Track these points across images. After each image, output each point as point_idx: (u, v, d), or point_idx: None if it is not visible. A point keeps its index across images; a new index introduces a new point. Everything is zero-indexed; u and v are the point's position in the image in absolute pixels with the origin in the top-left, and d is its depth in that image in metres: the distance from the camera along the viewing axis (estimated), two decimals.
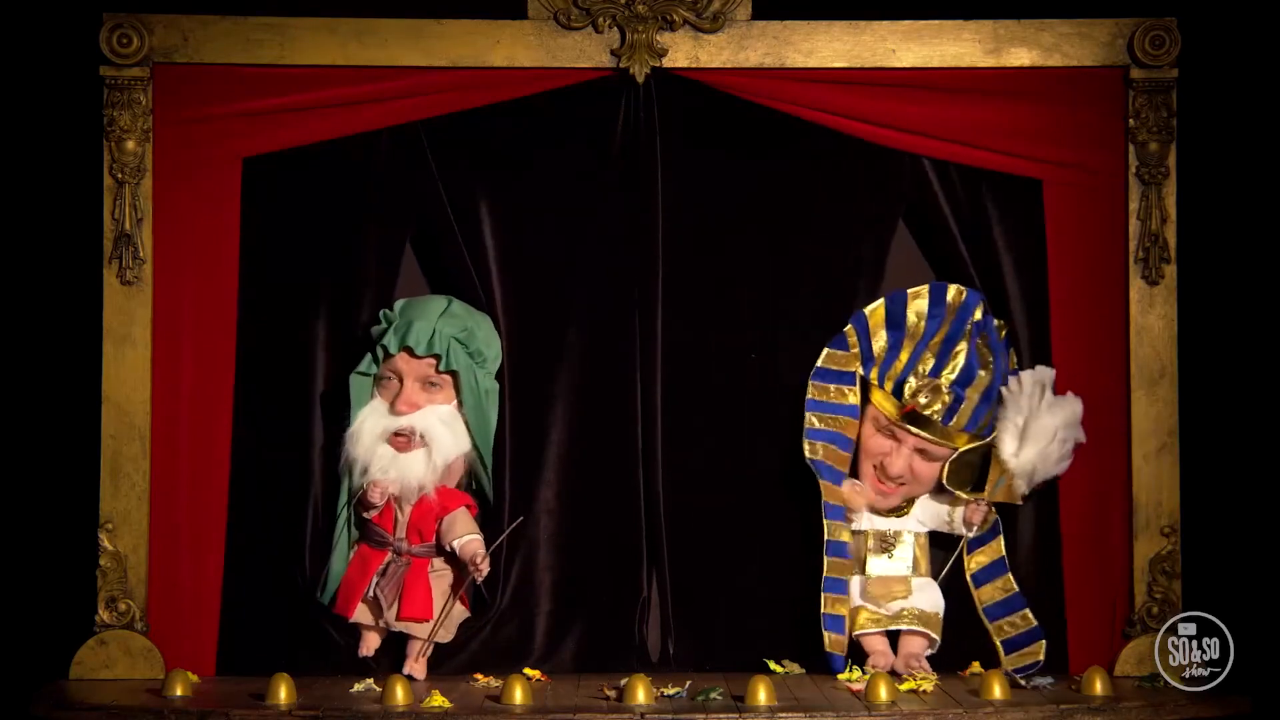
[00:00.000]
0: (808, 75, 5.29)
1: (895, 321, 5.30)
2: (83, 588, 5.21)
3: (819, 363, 5.31)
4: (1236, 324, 5.57)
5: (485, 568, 5.09)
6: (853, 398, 5.30)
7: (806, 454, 5.25)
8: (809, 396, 5.28)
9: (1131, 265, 5.26)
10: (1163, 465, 5.25)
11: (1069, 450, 5.19)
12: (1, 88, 5.57)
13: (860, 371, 5.31)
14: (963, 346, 5.27)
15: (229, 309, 5.24)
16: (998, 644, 5.23)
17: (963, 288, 5.31)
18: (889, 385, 5.27)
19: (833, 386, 5.31)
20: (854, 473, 5.31)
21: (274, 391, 5.29)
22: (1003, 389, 5.22)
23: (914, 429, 5.22)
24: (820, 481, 5.23)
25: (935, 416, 5.21)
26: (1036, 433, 5.15)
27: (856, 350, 5.31)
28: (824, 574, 5.21)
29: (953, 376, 5.23)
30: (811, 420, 5.29)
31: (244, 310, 5.26)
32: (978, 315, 5.29)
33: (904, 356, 5.27)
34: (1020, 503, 5.24)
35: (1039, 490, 5.25)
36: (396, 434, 5.14)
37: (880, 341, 5.31)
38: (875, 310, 5.33)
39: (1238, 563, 5.49)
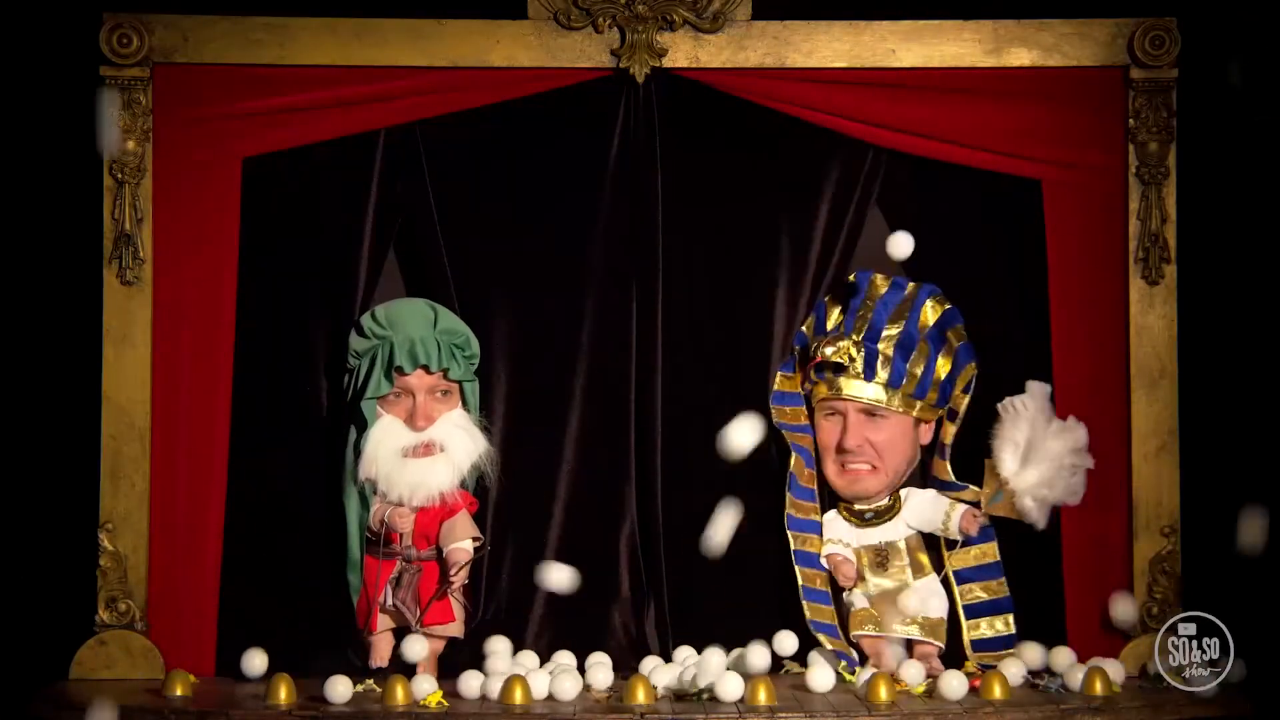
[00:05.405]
0: (808, 75, 5.29)
1: (822, 328, 5.33)
2: (83, 588, 5.21)
3: (775, 386, 5.33)
4: (1236, 324, 5.57)
5: (457, 581, 5.12)
6: (803, 419, 5.32)
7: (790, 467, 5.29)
8: (775, 420, 5.30)
9: (1131, 265, 5.26)
10: (1163, 465, 5.25)
11: (1081, 480, 5.17)
12: (2, 88, 5.57)
13: (802, 392, 5.33)
14: (870, 309, 5.28)
15: (229, 309, 5.24)
16: (966, 641, 5.23)
17: (888, 277, 5.33)
18: (813, 375, 5.30)
19: (789, 409, 5.33)
20: (822, 499, 5.32)
21: (273, 391, 5.29)
22: (1002, 406, 5.21)
23: (843, 387, 5.21)
24: (786, 495, 5.25)
25: (843, 360, 5.19)
26: (1042, 456, 5.14)
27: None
28: (800, 584, 5.22)
29: (859, 336, 5.24)
30: (785, 435, 5.31)
31: (243, 310, 5.26)
32: (884, 289, 5.31)
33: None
34: (1036, 525, 5.20)
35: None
36: (423, 446, 5.14)
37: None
38: (808, 323, 5.34)
39: (1238, 563, 5.48)
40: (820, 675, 4.95)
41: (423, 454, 5.16)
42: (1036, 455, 5.15)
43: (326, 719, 4.77)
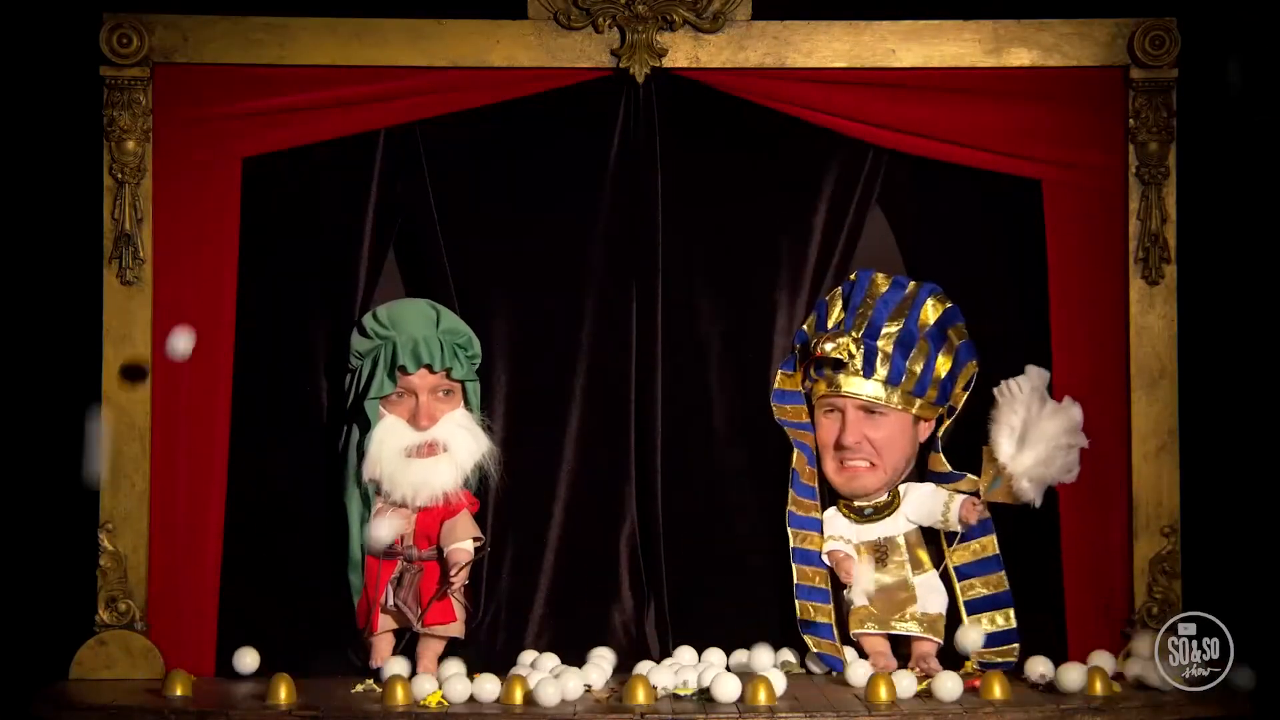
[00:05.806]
0: (808, 75, 5.29)
1: (823, 326, 5.34)
2: (83, 588, 5.22)
3: (775, 384, 5.33)
4: (1236, 324, 5.57)
5: (458, 581, 5.13)
6: (804, 416, 5.33)
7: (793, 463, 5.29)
8: (776, 418, 5.31)
9: (1131, 265, 5.26)
10: (1163, 465, 5.25)
11: (1075, 457, 5.18)
12: (1, 88, 5.57)
13: (803, 390, 5.34)
14: (870, 306, 5.28)
15: (229, 309, 5.24)
16: None
17: (889, 276, 5.34)
18: (813, 372, 5.30)
19: (790, 407, 5.33)
20: (822, 496, 5.32)
21: (273, 391, 5.29)
22: (998, 389, 5.22)
23: (842, 384, 5.22)
24: (789, 492, 5.24)
25: (843, 357, 5.20)
26: (1038, 437, 5.15)
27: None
28: (794, 581, 5.22)
29: (858, 333, 5.24)
30: (787, 432, 5.32)
31: (244, 310, 5.26)
32: (885, 288, 5.31)
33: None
34: (1033, 504, 5.21)
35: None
36: (426, 446, 5.15)
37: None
38: (809, 322, 5.35)
39: (1238, 563, 5.49)
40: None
41: (426, 454, 5.16)
42: (1032, 436, 5.16)
43: (326, 719, 4.77)
